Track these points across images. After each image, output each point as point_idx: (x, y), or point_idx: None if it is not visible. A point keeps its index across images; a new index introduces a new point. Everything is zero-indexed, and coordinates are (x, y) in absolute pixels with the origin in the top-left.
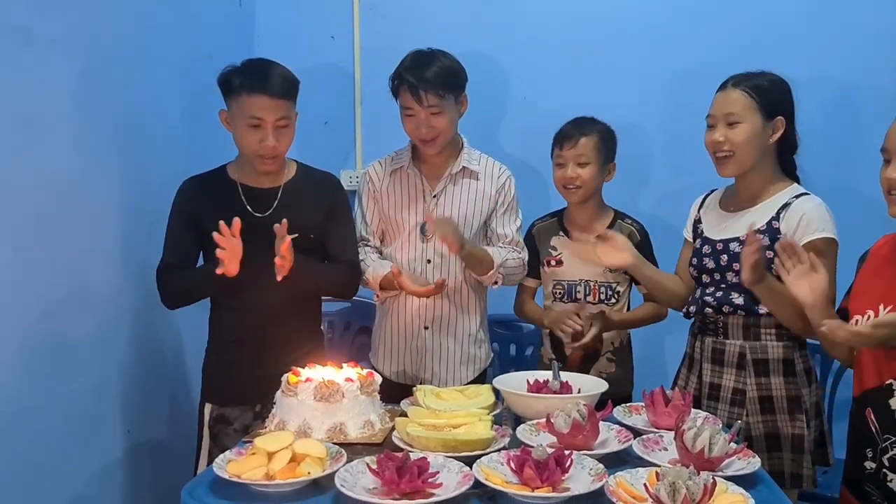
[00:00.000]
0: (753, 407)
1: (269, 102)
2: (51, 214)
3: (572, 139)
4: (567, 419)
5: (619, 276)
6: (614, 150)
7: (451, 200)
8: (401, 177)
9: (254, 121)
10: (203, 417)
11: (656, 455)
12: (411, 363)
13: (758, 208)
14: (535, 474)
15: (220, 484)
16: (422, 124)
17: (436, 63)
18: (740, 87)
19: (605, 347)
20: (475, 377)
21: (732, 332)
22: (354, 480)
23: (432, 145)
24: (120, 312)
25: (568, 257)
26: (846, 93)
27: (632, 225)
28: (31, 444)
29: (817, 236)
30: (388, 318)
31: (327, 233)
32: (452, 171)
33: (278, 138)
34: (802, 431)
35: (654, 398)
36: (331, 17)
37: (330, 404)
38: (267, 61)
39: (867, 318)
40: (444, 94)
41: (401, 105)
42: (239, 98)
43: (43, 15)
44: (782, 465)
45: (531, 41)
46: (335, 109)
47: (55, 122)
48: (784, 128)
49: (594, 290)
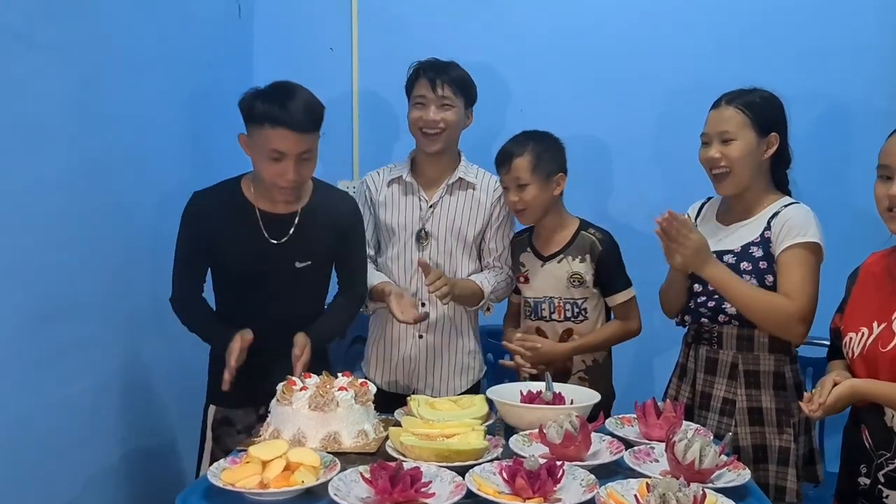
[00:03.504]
0: (742, 417)
1: (292, 136)
2: (49, 219)
3: (505, 164)
4: (559, 430)
5: (587, 290)
6: (558, 160)
7: (447, 210)
8: (398, 186)
9: (276, 154)
10: (207, 419)
11: (647, 466)
12: (404, 374)
13: (750, 221)
14: (526, 485)
15: (214, 492)
16: (431, 113)
17: (455, 67)
18: (733, 104)
19: (575, 367)
20: (469, 388)
21: (727, 342)
22: (348, 489)
23: (435, 140)
24: (113, 319)
25: (534, 274)
26: (837, 108)
27: (595, 235)
28: (28, 448)
29: (801, 240)
30: (382, 329)
31: (340, 259)
32: (449, 182)
33: (300, 171)
34: (789, 445)
35: (646, 410)
36: (330, 29)
37: (324, 413)
38: (292, 88)
39: (861, 335)
40: (457, 94)
41: (413, 96)
42: (261, 128)
43: (43, 22)
44: (767, 477)
45: (529, 54)
46: (333, 120)
47: (53, 128)
48: (778, 143)
49: (559, 308)
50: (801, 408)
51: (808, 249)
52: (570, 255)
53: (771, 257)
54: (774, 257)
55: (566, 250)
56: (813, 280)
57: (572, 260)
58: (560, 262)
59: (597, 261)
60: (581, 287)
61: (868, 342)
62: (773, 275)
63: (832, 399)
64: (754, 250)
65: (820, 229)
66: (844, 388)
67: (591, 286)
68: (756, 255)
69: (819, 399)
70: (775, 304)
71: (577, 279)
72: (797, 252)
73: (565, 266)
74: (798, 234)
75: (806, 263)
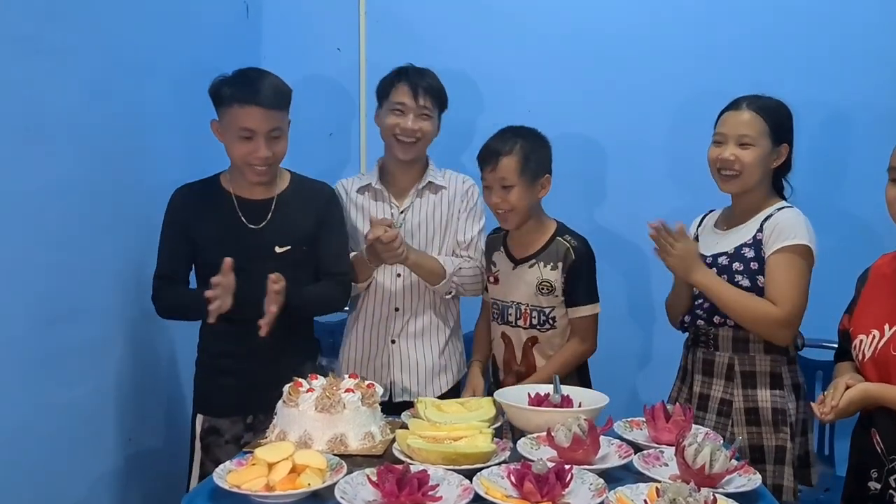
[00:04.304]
0: (739, 418)
1: (260, 113)
2: (51, 223)
3: (490, 162)
4: (568, 433)
5: (555, 299)
6: (545, 161)
7: (418, 214)
8: (368, 193)
9: (245, 132)
10: (195, 429)
11: (657, 471)
12: (378, 378)
13: (746, 225)
14: (535, 488)
15: (220, 494)
16: (410, 122)
17: (432, 76)
18: (753, 108)
19: None
20: (448, 389)
21: (722, 343)
22: (354, 492)
23: (410, 148)
24: (116, 322)
25: (505, 276)
26: (838, 113)
27: (570, 242)
28: (32, 450)
29: (790, 242)
30: (355, 334)
31: (319, 243)
32: (419, 187)
33: (271, 148)
34: (785, 444)
35: (655, 413)
36: (337, 30)
37: (331, 415)
38: (258, 70)
39: (871, 338)
40: (434, 104)
41: (390, 101)
42: (230, 109)
43: (50, 25)
44: (765, 477)
45: (536, 55)
46: (340, 120)
47: (60, 130)
48: (787, 154)
49: (525, 315)
50: (814, 410)
51: (797, 253)
52: (543, 260)
53: (762, 259)
54: (765, 259)
55: (539, 255)
56: (800, 284)
57: (543, 266)
58: (531, 268)
59: (567, 268)
60: (549, 295)
61: (879, 345)
62: (764, 275)
63: (844, 402)
64: (746, 251)
65: (811, 232)
66: (857, 391)
67: (559, 295)
68: (748, 255)
69: (832, 402)
70: (761, 310)
71: (547, 287)
72: (785, 256)
73: (536, 272)
74: (787, 238)
75: (794, 267)
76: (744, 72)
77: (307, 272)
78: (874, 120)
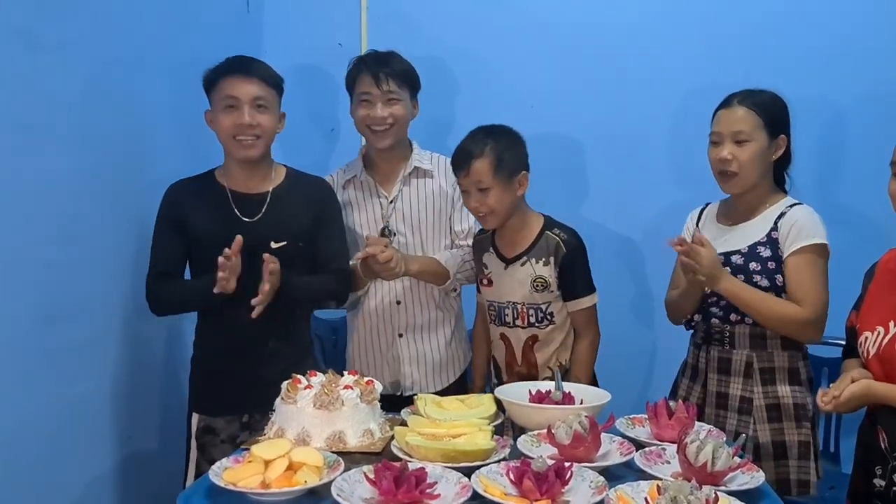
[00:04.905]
0: (761, 415)
1: (243, 80)
2: (48, 220)
3: (463, 166)
4: (568, 430)
5: (550, 295)
6: (520, 157)
7: (407, 203)
8: (355, 186)
9: (230, 100)
10: (191, 428)
11: (658, 468)
12: (390, 373)
13: (755, 221)
14: (534, 486)
15: (216, 492)
16: (378, 110)
17: (395, 58)
18: (746, 104)
19: (542, 373)
20: (455, 379)
21: (739, 341)
22: (351, 490)
23: (384, 136)
24: (113, 320)
25: (497, 277)
26: (841, 108)
27: (559, 235)
28: (30, 449)
29: (809, 242)
30: (359, 331)
31: (316, 239)
32: (406, 173)
33: (255, 118)
34: (808, 438)
35: (658, 410)
36: (339, 25)
37: (329, 412)
38: (249, 56)
39: (876, 335)
40: (402, 86)
41: (356, 93)
42: (218, 85)
43: (48, 19)
44: (789, 472)
45: (538, 50)
46: (342, 116)
47: (57, 127)
48: (785, 146)
49: (522, 314)
50: (817, 399)
51: (816, 252)
52: (534, 257)
53: (779, 258)
54: (783, 258)
55: (529, 252)
56: (823, 283)
57: (535, 262)
58: (524, 266)
59: (560, 262)
60: (545, 291)
61: (884, 342)
62: (782, 274)
63: (846, 396)
64: (762, 250)
65: (825, 228)
66: (860, 387)
67: (555, 290)
68: (764, 255)
69: (834, 392)
70: (789, 312)
71: (541, 283)
72: (806, 256)
73: (528, 269)
74: (806, 237)
75: (815, 266)
76: (744, 67)
77: (304, 269)
78: (877, 114)
